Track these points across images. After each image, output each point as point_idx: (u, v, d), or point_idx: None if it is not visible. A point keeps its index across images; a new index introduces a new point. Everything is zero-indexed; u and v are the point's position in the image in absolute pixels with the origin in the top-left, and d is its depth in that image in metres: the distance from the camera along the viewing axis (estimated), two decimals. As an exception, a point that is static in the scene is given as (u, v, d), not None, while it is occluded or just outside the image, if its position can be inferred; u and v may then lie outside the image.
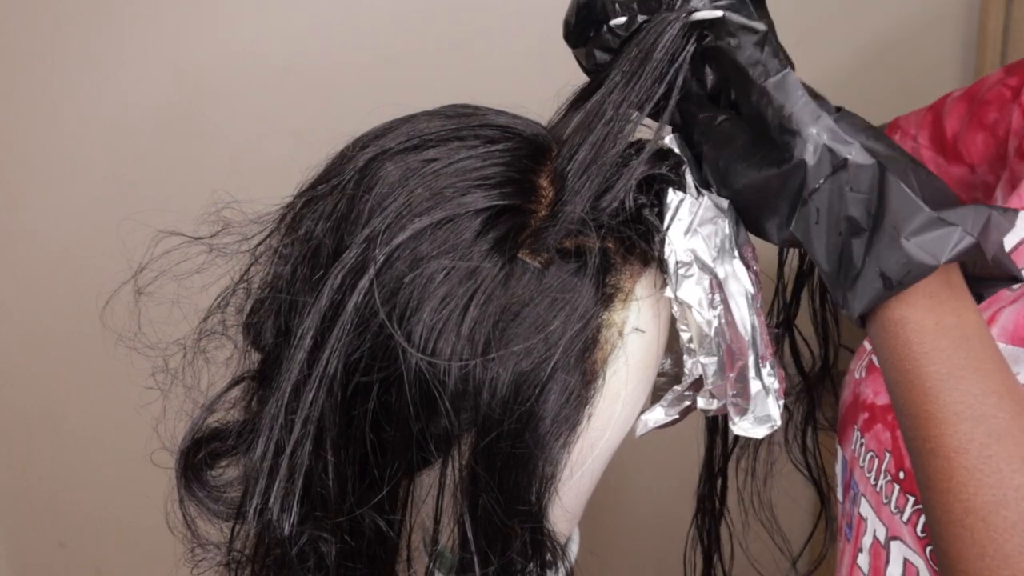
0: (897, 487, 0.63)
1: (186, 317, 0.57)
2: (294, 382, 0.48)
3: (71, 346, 1.60)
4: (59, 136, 1.59)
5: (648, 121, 0.53)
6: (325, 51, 1.55)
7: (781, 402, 0.53)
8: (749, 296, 0.52)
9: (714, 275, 0.51)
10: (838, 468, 0.77)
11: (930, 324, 0.47)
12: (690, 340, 0.53)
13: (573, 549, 0.61)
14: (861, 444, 0.70)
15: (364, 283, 0.47)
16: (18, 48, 1.55)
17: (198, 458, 0.54)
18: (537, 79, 0.59)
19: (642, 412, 0.56)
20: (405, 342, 0.47)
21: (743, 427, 0.53)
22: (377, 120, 0.55)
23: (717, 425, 0.63)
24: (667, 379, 0.64)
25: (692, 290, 0.51)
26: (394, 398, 0.48)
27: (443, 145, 0.51)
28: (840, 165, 0.47)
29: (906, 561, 0.64)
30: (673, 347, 0.59)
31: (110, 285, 0.61)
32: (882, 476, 0.66)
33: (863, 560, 0.70)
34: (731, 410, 0.53)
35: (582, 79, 0.57)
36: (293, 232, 0.53)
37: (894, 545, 0.65)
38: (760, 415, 0.53)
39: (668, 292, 0.52)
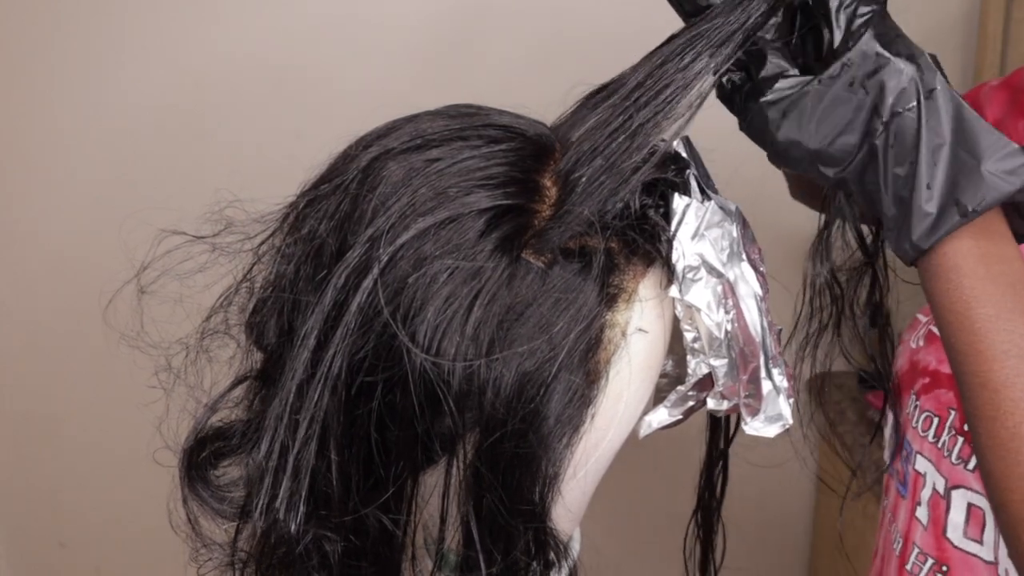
0: (961, 439, 0.70)
1: (189, 316, 0.57)
2: (298, 382, 0.48)
3: (72, 346, 1.60)
4: (59, 136, 1.59)
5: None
6: (327, 50, 1.55)
7: (791, 400, 0.54)
8: (758, 298, 0.52)
9: (725, 279, 0.52)
10: (888, 431, 0.83)
11: (980, 271, 0.51)
12: (695, 340, 0.53)
13: (575, 548, 0.61)
14: (916, 407, 0.77)
15: (368, 283, 0.47)
16: (18, 48, 1.55)
17: (202, 457, 0.54)
18: (539, 79, 0.59)
19: (645, 413, 0.57)
20: (409, 342, 0.47)
21: (755, 427, 0.54)
22: (380, 119, 0.55)
23: (719, 422, 0.63)
24: (668, 380, 0.64)
25: (700, 293, 0.52)
26: (398, 398, 0.48)
27: (446, 145, 0.51)
28: (927, 95, 0.51)
29: (970, 505, 0.71)
30: (675, 348, 0.59)
31: (112, 284, 0.61)
32: (945, 432, 0.73)
33: (921, 512, 0.76)
34: (743, 411, 0.54)
35: (588, 80, 0.57)
36: (296, 231, 0.53)
37: (955, 493, 0.72)
38: (771, 414, 0.54)
39: (672, 292, 0.52)
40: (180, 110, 1.56)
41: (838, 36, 0.52)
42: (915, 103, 0.51)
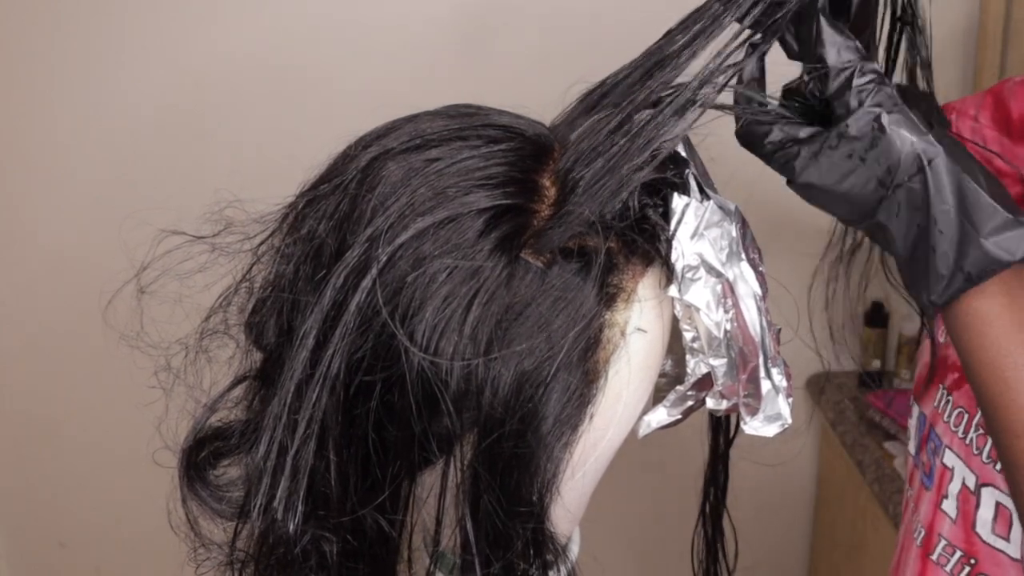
0: (991, 439, 0.71)
1: (188, 316, 0.57)
2: (297, 381, 0.48)
3: (72, 346, 1.60)
4: (60, 136, 1.59)
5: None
6: (327, 50, 1.55)
7: (790, 400, 0.54)
8: (757, 298, 0.53)
9: (724, 279, 0.52)
10: (913, 423, 0.84)
11: (1006, 319, 0.52)
12: (694, 340, 0.53)
13: (574, 550, 0.61)
14: (948, 401, 0.78)
15: (367, 282, 0.47)
16: (18, 48, 1.55)
17: (201, 457, 0.54)
18: (539, 79, 0.59)
19: (644, 413, 0.57)
20: (408, 341, 0.47)
21: (754, 426, 0.54)
22: (379, 119, 0.55)
23: (720, 422, 0.63)
24: (668, 380, 0.64)
25: (700, 293, 0.52)
26: (396, 398, 0.48)
27: (445, 145, 0.51)
28: (928, 164, 0.51)
29: (998, 504, 0.72)
30: (674, 348, 0.59)
31: (112, 284, 0.61)
32: (972, 430, 0.74)
33: (948, 506, 0.77)
34: (743, 410, 0.54)
35: (588, 79, 0.57)
36: (295, 231, 0.53)
37: (985, 491, 0.73)
38: (771, 414, 0.54)
39: (672, 291, 0.52)
40: (180, 110, 1.56)
41: (838, 106, 0.53)
42: (916, 173, 0.51)
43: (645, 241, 0.51)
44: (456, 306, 0.47)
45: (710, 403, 0.56)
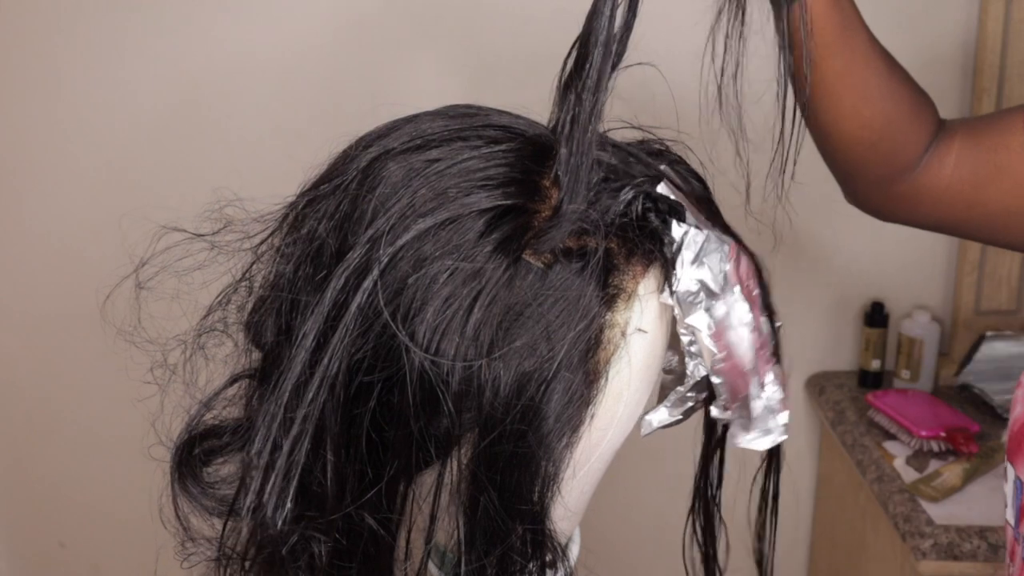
0: None
1: (186, 313, 0.57)
2: (294, 381, 0.48)
3: (71, 344, 1.60)
4: (61, 134, 1.59)
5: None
6: (328, 50, 1.55)
7: (784, 414, 0.55)
8: (749, 325, 0.54)
9: (718, 310, 0.53)
10: (1009, 489, 0.76)
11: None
12: (691, 344, 0.54)
13: (574, 550, 0.61)
14: None
15: (368, 284, 0.47)
16: (19, 48, 1.55)
17: (193, 454, 0.54)
18: (540, 79, 0.59)
19: (646, 412, 0.57)
20: (409, 342, 0.47)
21: (747, 439, 0.56)
22: (380, 120, 0.55)
23: (714, 421, 0.63)
24: (675, 377, 0.64)
25: (700, 317, 0.53)
26: (396, 398, 0.48)
27: (446, 145, 0.51)
28: None
29: None
30: (679, 345, 0.60)
31: (110, 280, 0.61)
32: None
33: None
34: (736, 428, 0.56)
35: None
36: (295, 231, 0.53)
37: None
38: (763, 429, 0.55)
39: (664, 298, 0.52)
40: (180, 108, 1.56)
41: None
42: None
43: (646, 239, 0.52)
44: (457, 307, 0.47)
45: (714, 412, 0.57)
